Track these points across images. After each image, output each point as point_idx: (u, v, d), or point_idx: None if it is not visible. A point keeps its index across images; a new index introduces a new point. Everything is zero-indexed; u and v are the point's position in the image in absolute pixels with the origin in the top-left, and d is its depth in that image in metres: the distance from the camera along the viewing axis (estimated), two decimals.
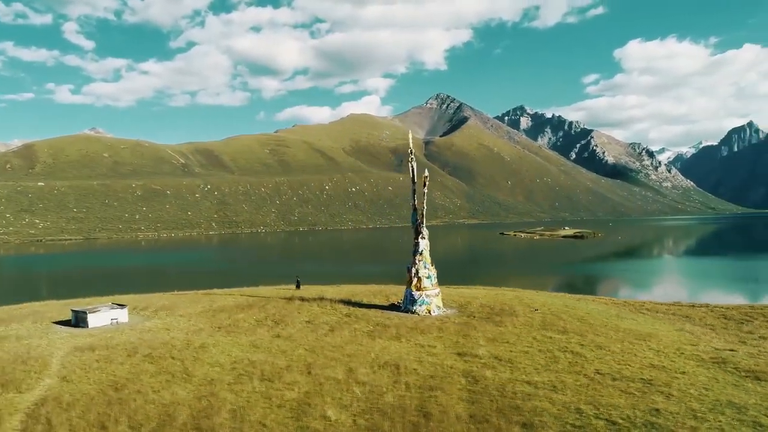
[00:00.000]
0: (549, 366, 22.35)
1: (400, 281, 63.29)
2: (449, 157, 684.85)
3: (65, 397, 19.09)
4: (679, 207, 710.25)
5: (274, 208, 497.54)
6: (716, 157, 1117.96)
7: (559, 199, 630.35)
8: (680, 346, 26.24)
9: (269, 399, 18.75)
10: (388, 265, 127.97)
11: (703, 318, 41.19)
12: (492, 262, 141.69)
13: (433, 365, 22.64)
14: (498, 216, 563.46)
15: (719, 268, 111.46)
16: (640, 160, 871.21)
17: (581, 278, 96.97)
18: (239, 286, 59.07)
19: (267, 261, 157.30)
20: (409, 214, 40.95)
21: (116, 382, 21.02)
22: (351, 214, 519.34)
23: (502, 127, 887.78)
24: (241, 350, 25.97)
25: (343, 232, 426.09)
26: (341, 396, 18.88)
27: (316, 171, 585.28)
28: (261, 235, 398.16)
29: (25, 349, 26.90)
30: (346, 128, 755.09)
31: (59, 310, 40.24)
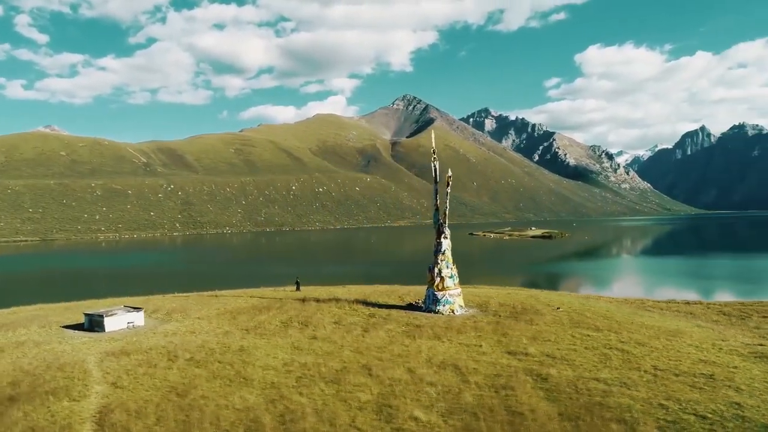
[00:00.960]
0: (606, 363, 22.61)
1: (391, 281, 63.28)
2: (416, 158, 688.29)
3: (130, 405, 18.15)
4: (637, 208, 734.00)
5: (240, 208, 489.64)
6: (671, 160, 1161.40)
7: (524, 200, 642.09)
8: (714, 342, 26.99)
9: (345, 401, 18.31)
10: (371, 266, 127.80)
11: (705, 314, 42.50)
12: (473, 262, 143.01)
13: (490, 364, 22.58)
14: (464, 216, 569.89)
15: (687, 266, 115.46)
16: (599, 162, 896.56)
17: (566, 276, 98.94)
18: (228, 287, 57.72)
19: (245, 262, 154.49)
20: (376, 215, 40.85)
21: (174, 387, 20.13)
22: (318, 214, 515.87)
23: (468, 128, 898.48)
24: (284, 352, 25.31)
25: (311, 232, 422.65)
26: (418, 397, 18.61)
27: (283, 171, 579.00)
28: (227, 236, 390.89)
29: (51, 355, 25.55)
30: (313, 128, 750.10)
31: (60, 314, 38.47)
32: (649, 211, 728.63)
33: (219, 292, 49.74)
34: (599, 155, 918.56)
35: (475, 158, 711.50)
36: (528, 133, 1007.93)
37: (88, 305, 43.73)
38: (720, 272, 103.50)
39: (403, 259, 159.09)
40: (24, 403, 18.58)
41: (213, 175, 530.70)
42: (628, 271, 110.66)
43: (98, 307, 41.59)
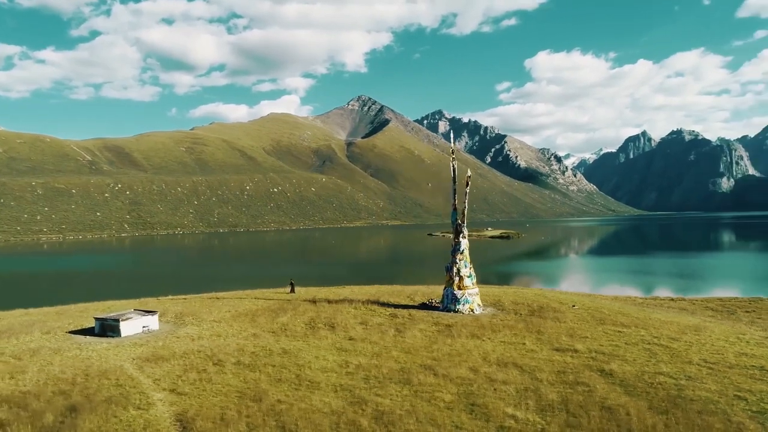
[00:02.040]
0: (656, 357, 23.29)
1: (383, 281, 63.08)
2: (371, 159, 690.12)
3: (206, 412, 17.27)
4: (584, 209, 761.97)
5: (192, 208, 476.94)
6: (615, 163, 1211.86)
7: (477, 201, 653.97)
8: (737, 335, 28.31)
9: (429, 402, 18.08)
10: (350, 266, 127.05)
11: (695, 310, 44.49)
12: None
13: (547, 362, 22.84)
14: (420, 217, 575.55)
15: (640, 264, 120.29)
16: (549, 164, 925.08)
17: (537, 274, 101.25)
18: (213, 289, 56.05)
19: (211, 263, 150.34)
20: (332, 216, 41.02)
21: (242, 392, 19.32)
22: (273, 215, 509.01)
23: (422, 130, 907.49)
24: (332, 354, 24.77)
25: (266, 233, 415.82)
26: (500, 396, 18.58)
27: (236, 171, 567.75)
28: (178, 237, 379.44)
29: (80, 363, 24.05)
30: (267, 127, 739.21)
31: (56, 319, 36.28)
32: (596, 212, 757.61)
33: (218, 294, 48.17)
34: (548, 158, 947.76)
35: (429, 160, 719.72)
36: (480, 135, 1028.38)
37: (81, 309, 41.48)
38: (670, 270, 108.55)
39: (378, 259, 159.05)
40: (88, 413, 17.37)
41: (163, 174, 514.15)
42: (593, 269, 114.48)
43: (91, 311, 39.49)
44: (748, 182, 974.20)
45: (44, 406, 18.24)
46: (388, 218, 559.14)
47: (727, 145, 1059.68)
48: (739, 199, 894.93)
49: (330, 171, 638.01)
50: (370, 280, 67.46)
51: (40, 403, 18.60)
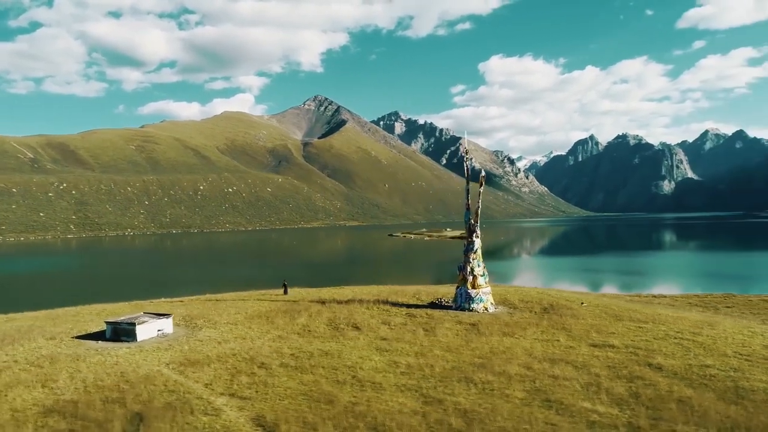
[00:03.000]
0: (690, 351, 24.19)
1: (371, 282, 62.80)
2: (328, 160, 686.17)
3: (285, 416, 16.72)
4: (536, 210, 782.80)
5: (143, 209, 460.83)
6: (564, 165, 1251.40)
7: (433, 202, 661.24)
8: (750, 330, 29.69)
9: (503, 399, 18.19)
10: (326, 267, 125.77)
11: (683, 306, 46.38)
12: (424, 262, 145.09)
13: (593, 357, 23.35)
14: (377, 218, 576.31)
15: (595, 263, 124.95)
16: (502, 167, 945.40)
17: (521, 273, 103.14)
18: (198, 291, 54.47)
19: (181, 264, 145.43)
20: (289, 216, 41.28)
21: (309, 395, 18.83)
22: (228, 215, 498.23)
23: (379, 131, 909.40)
24: (375, 354, 24.50)
25: (221, 234, 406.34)
26: (570, 391, 18.83)
27: (189, 170, 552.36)
28: (128, 238, 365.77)
29: (111, 369, 22.85)
30: (221, 126, 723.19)
31: (54, 323, 34.30)
32: (547, 213, 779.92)
33: (216, 296, 46.72)
34: (502, 160, 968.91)
35: (386, 161, 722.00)
36: (436, 137, 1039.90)
37: (73, 313, 39.35)
38: (629, 268, 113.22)
39: (351, 259, 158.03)
40: (157, 421, 16.51)
41: (111, 173, 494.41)
42: (563, 268, 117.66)
43: (85, 315, 37.61)
44: (687, 185, 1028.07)
45: (103, 415, 17.23)
46: (345, 219, 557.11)
47: (668, 150, 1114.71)
48: (679, 201, 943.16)
49: (286, 171, 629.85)
50: (359, 281, 67.05)
51: (97, 412, 17.55)
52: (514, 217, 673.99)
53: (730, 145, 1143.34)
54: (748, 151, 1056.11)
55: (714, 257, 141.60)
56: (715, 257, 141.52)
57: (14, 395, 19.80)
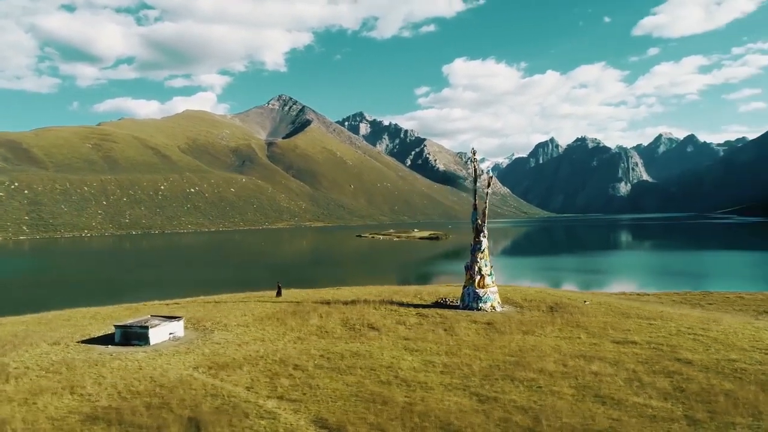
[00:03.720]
0: (711, 346, 25.02)
1: (356, 283, 62.59)
2: (293, 160, 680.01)
3: (346, 417, 16.46)
4: (499, 211, 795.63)
5: (101, 209, 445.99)
6: (526, 167, 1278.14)
7: (398, 203, 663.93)
8: (753, 326, 30.89)
9: (556, 396, 18.38)
10: (307, 268, 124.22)
11: (669, 303, 47.98)
12: (401, 262, 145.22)
13: (621, 353, 23.86)
14: (342, 219, 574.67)
15: (576, 262, 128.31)
16: (466, 168, 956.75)
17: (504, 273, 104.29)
18: (178, 294, 53.18)
19: (148, 266, 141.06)
20: (253, 217, 41.53)
21: (359, 395, 18.56)
22: (190, 216, 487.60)
23: (344, 131, 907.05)
24: (406, 354, 24.41)
25: (183, 235, 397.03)
26: (614, 386, 19.20)
27: (149, 170, 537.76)
28: (85, 239, 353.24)
29: (136, 374, 22.03)
30: (182, 125, 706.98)
31: (53, 328, 32.76)
32: (509, 214, 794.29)
33: (215, 298, 45.57)
34: (465, 162, 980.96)
35: (351, 161, 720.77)
36: (401, 138, 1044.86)
37: (66, 317, 37.67)
38: (597, 267, 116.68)
39: (328, 260, 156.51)
40: (214, 426, 16.01)
41: (67, 172, 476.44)
42: (538, 266, 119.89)
43: (79, 319, 36.13)
44: (642, 187, 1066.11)
45: (154, 421, 16.60)
46: (310, 219, 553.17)
47: (624, 153, 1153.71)
48: (635, 203, 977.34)
49: (250, 171, 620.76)
50: (347, 281, 66.69)
51: (145, 418, 16.88)
52: None
53: (682, 149, 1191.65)
54: (698, 156, 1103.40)
55: (672, 256, 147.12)
56: (673, 256, 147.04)
57: (44, 402, 18.84)
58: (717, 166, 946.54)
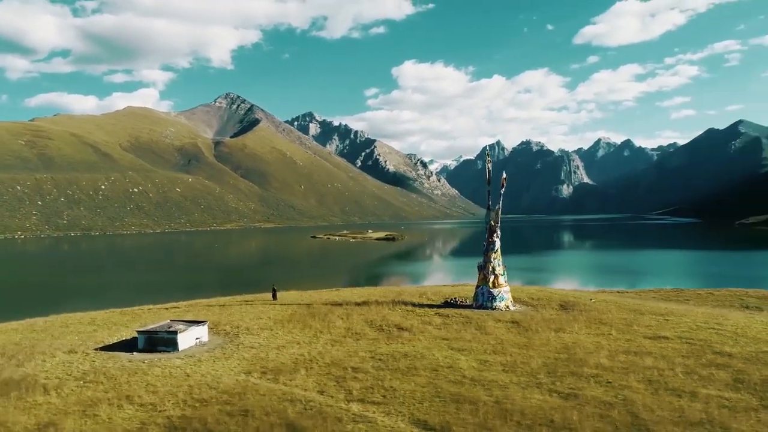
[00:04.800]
0: (734, 339, 26.42)
1: (334, 284, 62.23)
2: (241, 159, 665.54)
3: (443, 418, 16.33)
4: (448, 212, 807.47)
5: (36, 209, 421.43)
6: (473, 169, 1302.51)
7: (349, 204, 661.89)
8: (760, 320, 32.77)
9: (633, 391, 18.89)
10: (273, 269, 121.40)
11: (652, 300, 50.11)
12: (371, 263, 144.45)
13: (662, 348, 24.85)
14: (293, 220, 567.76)
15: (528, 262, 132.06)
16: (415, 169, 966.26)
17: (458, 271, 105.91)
18: (159, 299, 51.18)
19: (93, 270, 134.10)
20: (201, 218, 42.03)
21: (442, 397, 18.46)
22: (134, 217, 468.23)
23: (294, 131, 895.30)
24: (456, 354, 24.47)
25: (126, 237, 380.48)
26: (680, 380, 19.95)
27: (89, 168, 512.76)
28: (18, 241, 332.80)
29: (186, 381, 21.06)
30: (123, 122, 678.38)
31: (57, 336, 30.73)
32: (458, 215, 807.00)
33: (215, 301, 43.97)
34: (415, 163, 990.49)
35: (302, 162, 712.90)
36: (351, 139, 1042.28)
37: (62, 323, 35.37)
38: (554, 265, 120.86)
39: (295, 261, 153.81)
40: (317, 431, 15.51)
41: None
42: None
43: (77, 326, 34.12)
44: (583, 189, 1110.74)
45: (245, 429, 15.85)
46: (260, 220, 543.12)
47: (566, 156, 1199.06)
48: (576, 204, 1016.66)
49: (197, 171, 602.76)
50: (328, 284, 65.89)
51: (236, 426, 16.17)
52: (427, 219, 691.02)
53: (619, 153, 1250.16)
54: (634, 160, 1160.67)
55: (623, 256, 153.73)
56: (623, 256, 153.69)
57: (106, 414, 17.72)
58: (651, 170, 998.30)
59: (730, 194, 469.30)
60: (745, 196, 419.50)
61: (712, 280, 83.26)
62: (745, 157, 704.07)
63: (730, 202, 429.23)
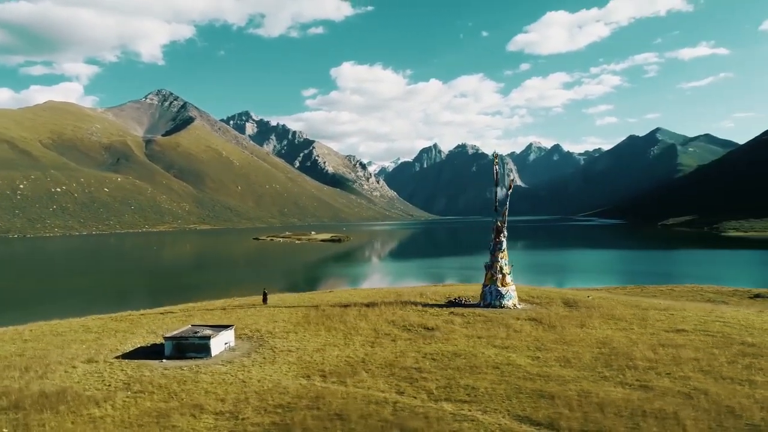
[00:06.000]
0: (747, 329, 28.33)
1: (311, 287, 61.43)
2: (175, 159, 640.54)
3: (541, 413, 16.58)
4: (387, 213, 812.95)
5: None
6: (411, 171, 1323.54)
7: (288, 205, 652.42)
8: (754, 313, 35.26)
9: (694, 380, 19.88)
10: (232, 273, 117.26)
11: (636, 296, 52.83)
12: (334, 265, 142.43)
13: (689, 340, 26.27)
14: (230, 221, 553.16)
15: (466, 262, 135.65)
16: (355, 171, 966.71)
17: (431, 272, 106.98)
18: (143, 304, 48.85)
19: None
20: (131, 219, 42.48)
21: (541, 394, 18.68)
22: (57, 218, 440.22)
23: (230, 131, 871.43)
24: (504, 351, 24.80)
25: (49, 239, 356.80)
26: (727, 370, 21.23)
27: (5, 166, 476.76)
28: None
29: (257, 388, 20.14)
30: (44, 117, 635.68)
31: (56, 345, 28.48)
32: (397, 216, 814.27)
33: (205, 305, 42.04)
34: (354, 165, 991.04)
35: (238, 162, 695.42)
36: (289, 139, 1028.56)
37: (56, 331, 32.80)
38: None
39: (253, 263, 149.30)
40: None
41: None
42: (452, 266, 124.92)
43: (78, 333, 31.84)
44: (516, 192, 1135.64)
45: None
46: (195, 222, 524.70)
47: (500, 160, 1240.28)
48: (510, 206, 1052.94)
49: (126, 170, 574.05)
50: (308, 285, 64.83)
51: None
52: (367, 221, 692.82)
53: (549, 157, 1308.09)
54: (563, 164, 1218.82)
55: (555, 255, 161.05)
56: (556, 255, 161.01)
57: (185, 425, 16.69)
58: (578, 174, 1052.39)
59: (651, 197, 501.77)
60: (664, 199, 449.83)
61: (653, 278, 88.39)
62: (662, 162, 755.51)
63: (650, 204, 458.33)
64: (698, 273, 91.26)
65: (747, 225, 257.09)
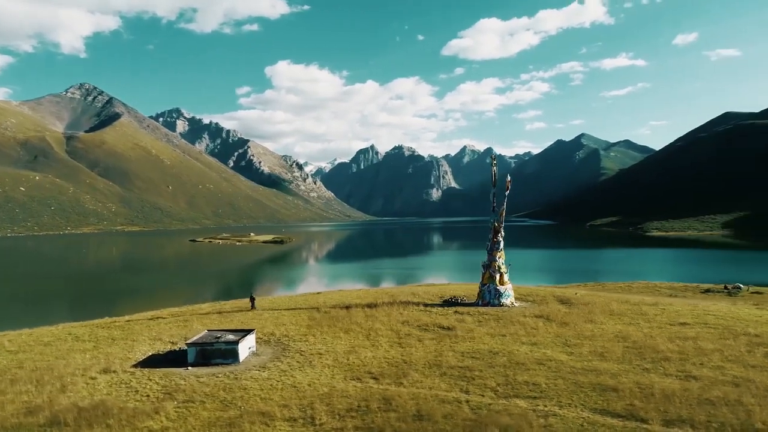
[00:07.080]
0: (742, 321, 30.44)
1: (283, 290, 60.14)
2: (99, 156, 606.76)
3: (620, 405, 17.14)
4: (324, 214, 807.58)
5: None
6: (348, 172, 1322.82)
7: (222, 206, 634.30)
8: (747, 309, 37.82)
9: (729, 370, 21.17)
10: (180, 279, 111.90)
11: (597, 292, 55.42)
12: (292, 268, 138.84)
13: (696, 332, 27.89)
14: (161, 223, 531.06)
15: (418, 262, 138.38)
16: (291, 171, 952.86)
17: (400, 274, 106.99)
18: None
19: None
20: (51, 221, 42.84)
21: (594, 388, 19.18)
22: None
23: (160, 128, 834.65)
24: (537, 348, 25.42)
25: None
26: (748, 359, 22.76)
27: None
28: None
29: (311, 394, 19.54)
30: None
31: (51, 356, 26.32)
32: (334, 217, 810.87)
33: (196, 308, 40.06)
34: (291, 165, 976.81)
35: (169, 160, 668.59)
36: (222, 138, 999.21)
37: (49, 339, 30.14)
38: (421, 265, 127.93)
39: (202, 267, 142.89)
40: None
41: None
42: (428, 264, 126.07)
43: (78, 339, 29.56)
44: (451, 193, 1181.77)
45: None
46: (123, 224, 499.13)
47: (436, 162, 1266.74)
48: (445, 207, 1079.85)
49: (45, 168, 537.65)
50: (271, 290, 63.25)
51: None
52: (304, 221, 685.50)
53: (482, 159, 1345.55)
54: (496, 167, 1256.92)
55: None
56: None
57: None
58: (510, 176, 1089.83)
59: (578, 199, 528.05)
60: (590, 201, 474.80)
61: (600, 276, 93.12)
62: (587, 166, 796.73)
63: (578, 206, 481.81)
64: (635, 270, 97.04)
65: (668, 225, 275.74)
